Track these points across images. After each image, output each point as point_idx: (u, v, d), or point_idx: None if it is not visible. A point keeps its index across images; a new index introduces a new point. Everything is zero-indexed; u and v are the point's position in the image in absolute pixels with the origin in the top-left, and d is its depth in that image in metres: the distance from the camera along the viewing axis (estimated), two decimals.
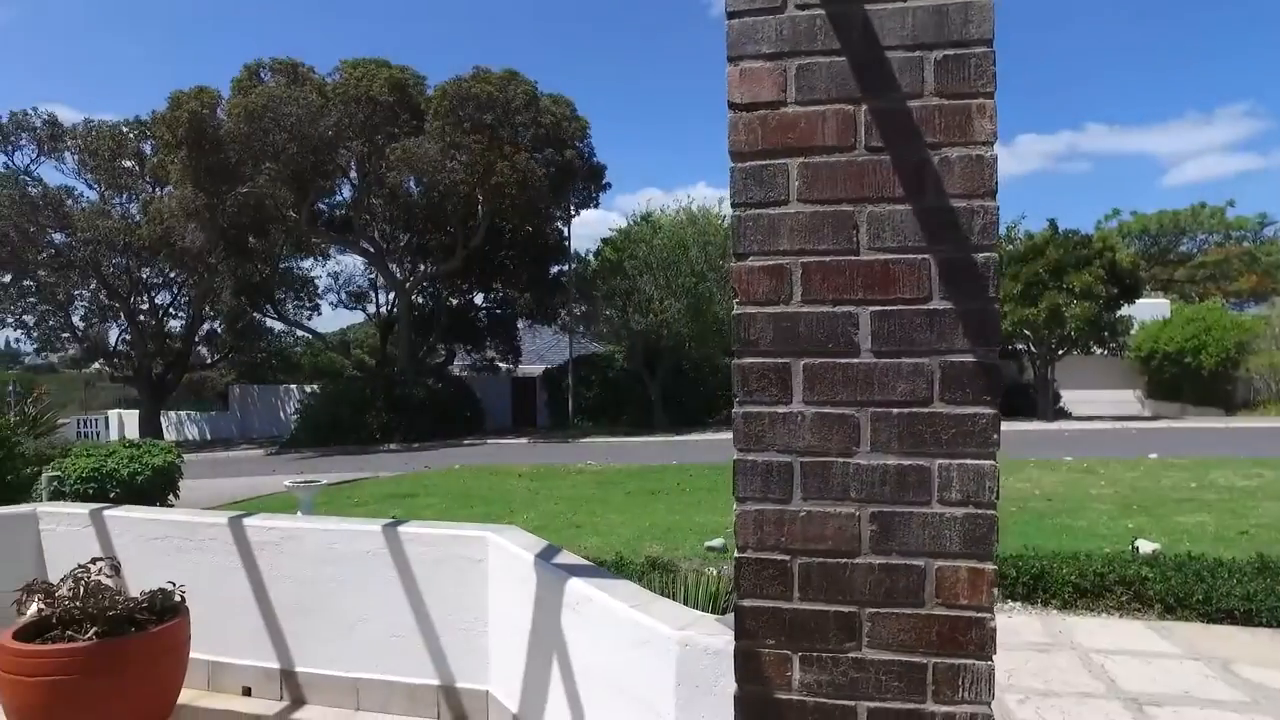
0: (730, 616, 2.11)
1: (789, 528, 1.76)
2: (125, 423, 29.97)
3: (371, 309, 32.11)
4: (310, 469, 18.11)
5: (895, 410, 1.69)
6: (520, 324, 30.58)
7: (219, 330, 32.61)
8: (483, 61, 26.19)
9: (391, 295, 30.05)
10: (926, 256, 1.66)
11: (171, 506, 9.43)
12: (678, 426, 24.40)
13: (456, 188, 22.86)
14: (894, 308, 1.69)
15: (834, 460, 1.73)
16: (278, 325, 32.51)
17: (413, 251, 28.27)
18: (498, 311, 30.04)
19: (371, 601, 3.54)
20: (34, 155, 27.48)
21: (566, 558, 2.87)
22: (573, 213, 27.53)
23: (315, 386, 28.85)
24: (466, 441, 23.52)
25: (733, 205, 1.80)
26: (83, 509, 4.22)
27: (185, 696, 3.51)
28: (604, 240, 27.78)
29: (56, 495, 8.00)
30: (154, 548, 3.97)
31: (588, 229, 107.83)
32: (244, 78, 23.69)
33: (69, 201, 27.14)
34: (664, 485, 11.78)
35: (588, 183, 26.61)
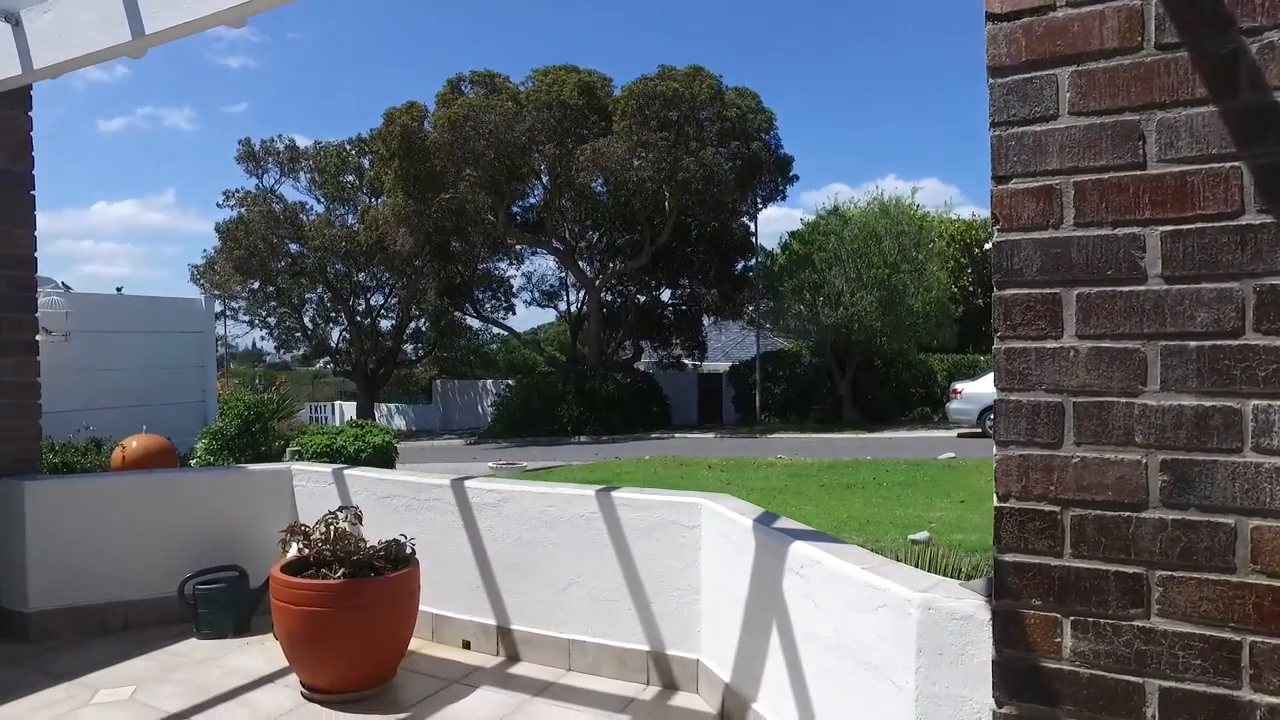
0: (976, 582, 1.94)
1: (1059, 475, 1.59)
2: (344, 413, 33.02)
3: (562, 307, 33.42)
4: (507, 458, 19.15)
5: (1193, 343, 1.48)
6: (706, 320, 30.72)
7: (424, 329, 35.19)
8: (668, 61, 26.57)
9: (581, 293, 31.15)
10: (1237, 164, 1.43)
11: None
12: (868, 423, 23.55)
13: (644, 185, 23.31)
14: (1192, 226, 1.48)
15: (1115, 400, 1.54)
16: (476, 323, 34.58)
17: (601, 250, 29.15)
18: (683, 308, 30.34)
19: (584, 565, 3.62)
20: (277, 176, 30.98)
21: (786, 523, 2.78)
22: (759, 206, 27.29)
23: (510, 381, 30.45)
24: (654, 435, 23.92)
25: (991, 125, 1.65)
26: (327, 468, 4.64)
27: (413, 644, 3.76)
28: (791, 234, 27.35)
29: None
30: (385, 505, 4.29)
31: (773, 226, 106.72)
32: (447, 91, 25.41)
33: (302, 215, 30.31)
34: (858, 479, 11.37)
35: (774, 175, 26.22)
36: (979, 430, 18.43)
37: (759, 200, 26.87)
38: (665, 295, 30.64)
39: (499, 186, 25.04)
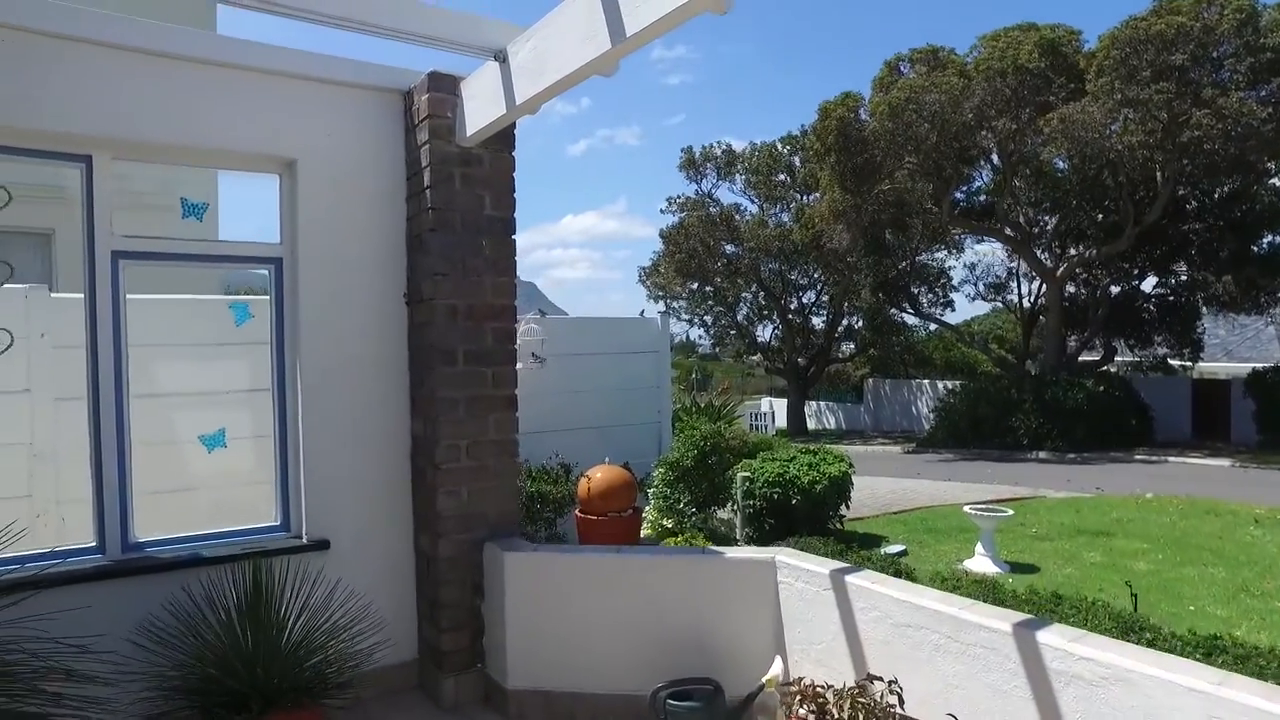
0: None
1: None
2: (775, 409, 33.28)
3: (1012, 300, 29.73)
4: (951, 473, 17.07)
5: None
6: (1204, 313, 24.81)
7: (856, 326, 33.99)
8: None
9: (1036, 284, 27.28)
10: None
11: (843, 516, 9.29)
12: None
13: (1132, 154, 19.21)
14: None
15: None
16: (911, 319, 32.43)
17: (1061, 235, 25.08)
18: (1171, 299, 24.85)
19: None
20: (714, 181, 32.26)
21: None
22: None
23: (949, 384, 27.83)
24: (1137, 456, 19.76)
25: None
26: (822, 568, 3.63)
27: None
28: None
29: (748, 495, 8.39)
30: (903, 636, 3.13)
31: None
32: (884, 75, 23.76)
33: (736, 217, 31.13)
34: None
35: None
36: None
37: None
38: (1148, 284, 25.38)
39: (942, 172, 22.76)
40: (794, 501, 8.45)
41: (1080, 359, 25.44)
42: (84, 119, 3.90)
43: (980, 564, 7.83)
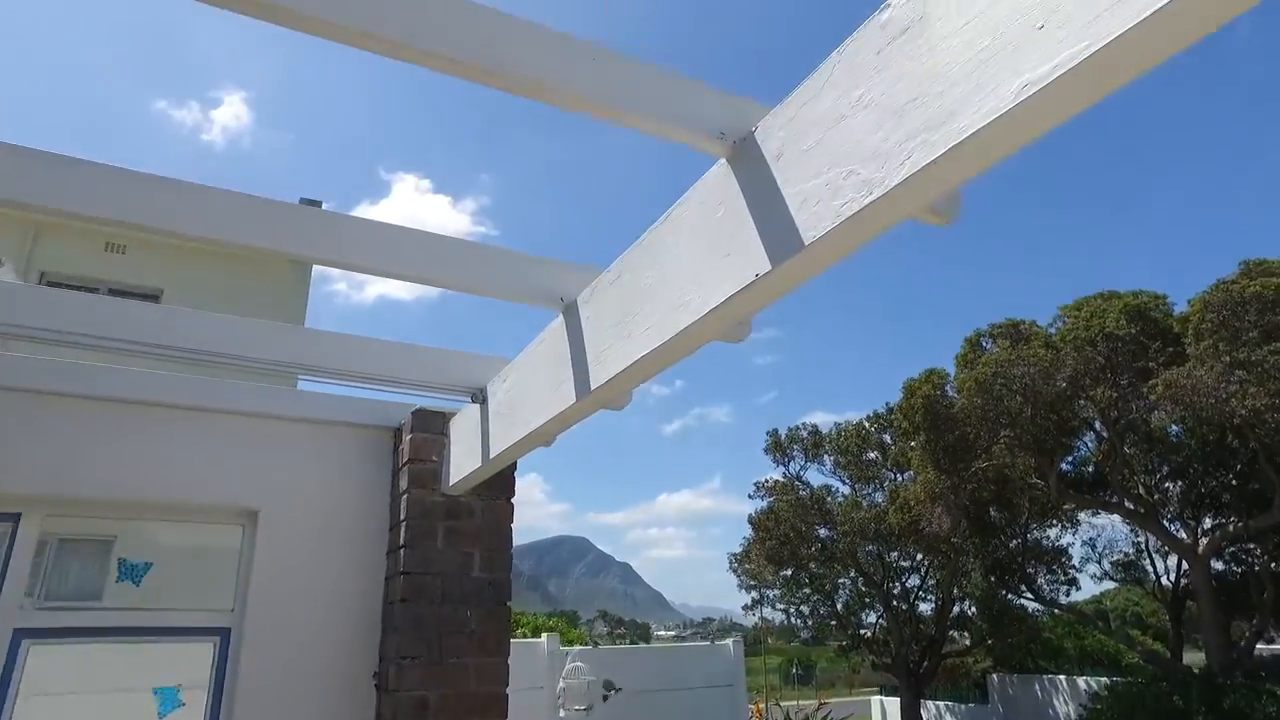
0: None
1: None
2: (886, 709, 29.27)
3: (1147, 578, 26.44)
4: None
5: None
6: None
7: (969, 612, 30.67)
8: (1254, 254, 20.83)
9: (1173, 560, 24.26)
10: None
11: None
12: None
13: (1258, 417, 17.52)
14: None
15: None
16: (1032, 604, 29.04)
17: (1192, 504, 22.59)
18: None
19: None
20: (803, 463, 31.33)
21: None
22: None
23: (1091, 681, 24.01)
24: None
25: None
26: None
27: None
28: None
29: None
30: None
31: None
32: (966, 351, 23.31)
33: (828, 499, 29.69)
34: None
35: None
36: None
37: None
38: None
39: (1043, 445, 21.29)
40: None
41: (1257, 652, 21.69)
42: (13, 474, 3.33)
43: None
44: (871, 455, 29.47)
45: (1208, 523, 22.48)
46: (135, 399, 3.58)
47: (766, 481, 31.28)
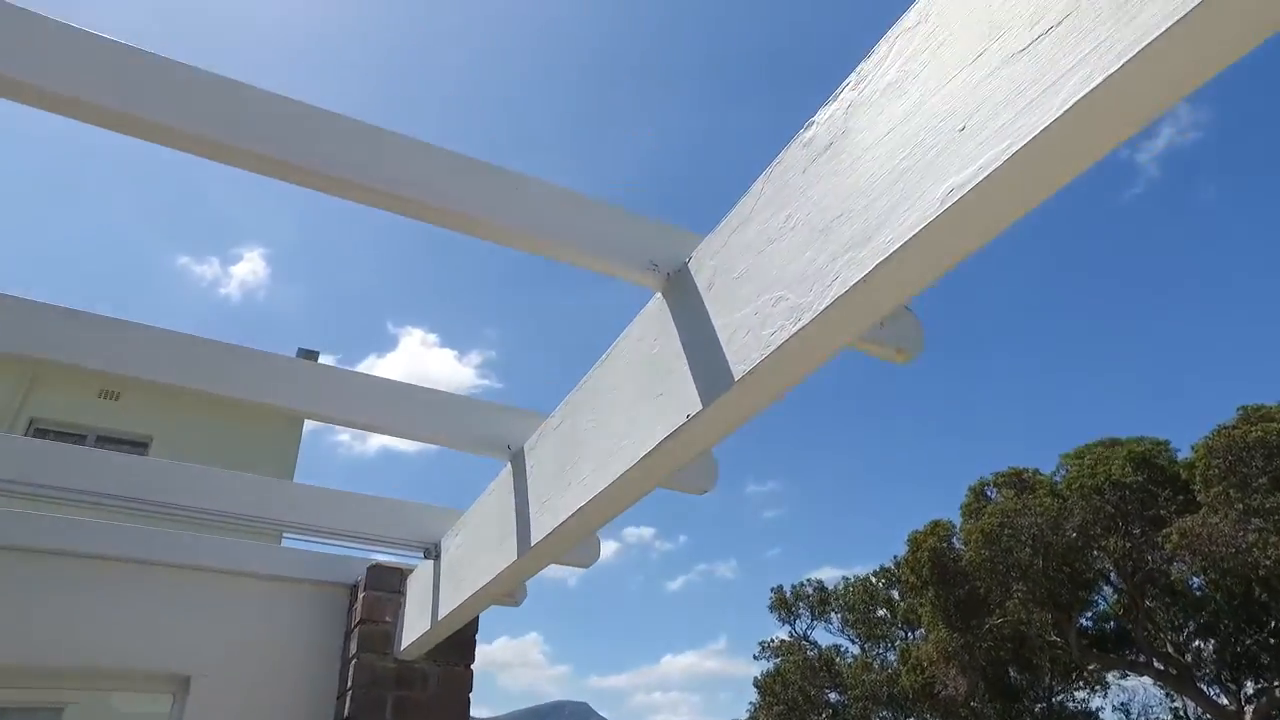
0: None
1: None
2: None
3: None
4: None
5: None
6: None
7: None
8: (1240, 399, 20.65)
9: None
10: None
11: None
12: None
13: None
14: None
15: None
16: None
17: (1230, 665, 21.32)
18: None
19: None
20: (809, 621, 29.97)
21: None
22: None
23: None
24: None
25: None
26: None
27: None
28: None
29: None
30: None
31: None
32: (971, 500, 22.81)
33: (837, 659, 28.17)
34: None
35: None
36: None
37: None
38: None
39: (1058, 599, 20.39)
40: None
41: None
42: None
43: None
44: (882, 612, 28.23)
45: (1249, 686, 21.10)
46: (51, 549, 3.31)
47: (772, 641, 29.82)
